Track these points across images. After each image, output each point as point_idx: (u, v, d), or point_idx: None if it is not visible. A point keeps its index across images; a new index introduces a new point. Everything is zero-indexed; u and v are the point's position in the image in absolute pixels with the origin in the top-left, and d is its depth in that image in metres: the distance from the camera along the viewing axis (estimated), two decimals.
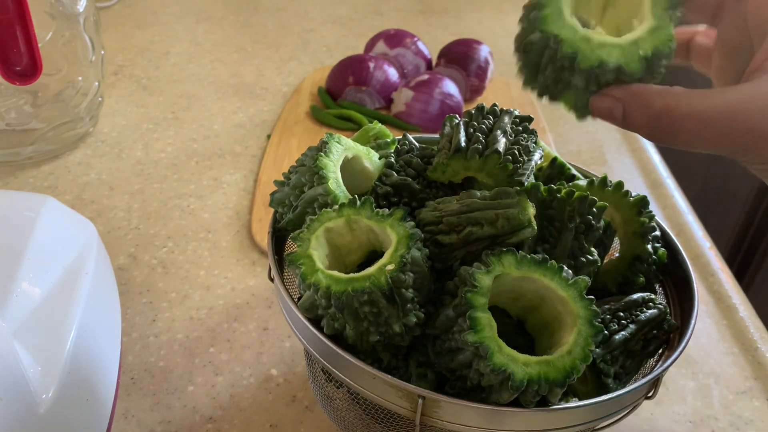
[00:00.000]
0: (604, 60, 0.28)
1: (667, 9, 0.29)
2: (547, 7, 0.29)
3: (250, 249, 0.61)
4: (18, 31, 0.56)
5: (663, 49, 0.28)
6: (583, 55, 0.28)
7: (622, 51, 0.28)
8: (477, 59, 0.84)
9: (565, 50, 0.28)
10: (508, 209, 0.32)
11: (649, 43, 0.28)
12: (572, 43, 0.28)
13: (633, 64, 0.28)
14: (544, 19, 0.29)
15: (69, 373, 0.36)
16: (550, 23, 0.29)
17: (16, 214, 0.41)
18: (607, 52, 0.28)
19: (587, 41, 0.28)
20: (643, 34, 0.28)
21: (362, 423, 0.38)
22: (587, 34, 0.28)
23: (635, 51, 0.28)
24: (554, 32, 0.29)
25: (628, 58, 0.28)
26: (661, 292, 0.40)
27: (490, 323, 0.29)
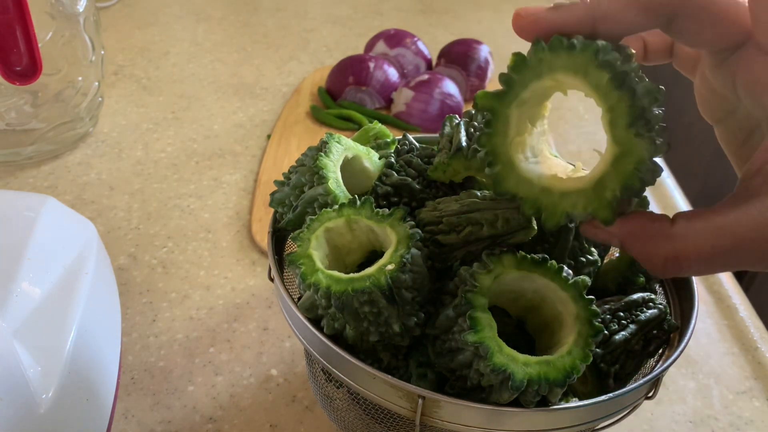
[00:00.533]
0: (570, 213, 0.25)
1: (629, 125, 0.24)
2: (497, 164, 0.27)
3: (250, 249, 0.61)
4: (18, 31, 0.56)
5: (632, 183, 0.24)
6: (547, 213, 0.26)
7: (588, 199, 0.25)
8: (477, 59, 0.84)
9: (527, 210, 0.26)
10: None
11: (615, 181, 0.24)
12: (533, 202, 0.26)
13: (603, 211, 0.25)
14: (497, 179, 0.27)
15: (69, 373, 0.36)
16: (504, 183, 0.27)
17: (16, 214, 0.41)
18: (571, 203, 0.25)
19: (548, 194, 0.26)
20: (607, 167, 0.25)
21: (362, 423, 0.38)
22: (547, 184, 0.26)
23: (603, 195, 0.25)
24: (512, 192, 0.27)
25: (596, 205, 0.25)
26: (661, 292, 0.40)
27: (490, 323, 0.29)
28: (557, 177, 0.26)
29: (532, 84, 0.26)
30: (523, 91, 0.26)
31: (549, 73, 0.25)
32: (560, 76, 0.25)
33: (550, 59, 0.25)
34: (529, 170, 0.26)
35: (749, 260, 0.24)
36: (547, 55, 0.25)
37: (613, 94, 0.24)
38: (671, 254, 0.24)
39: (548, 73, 0.25)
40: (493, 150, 0.26)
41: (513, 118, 0.26)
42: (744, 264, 0.24)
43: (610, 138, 0.24)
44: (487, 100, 0.26)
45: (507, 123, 0.26)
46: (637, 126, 0.24)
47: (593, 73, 0.24)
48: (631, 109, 0.24)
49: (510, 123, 0.26)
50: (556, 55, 0.25)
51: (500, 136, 0.26)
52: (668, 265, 0.25)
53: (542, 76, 0.25)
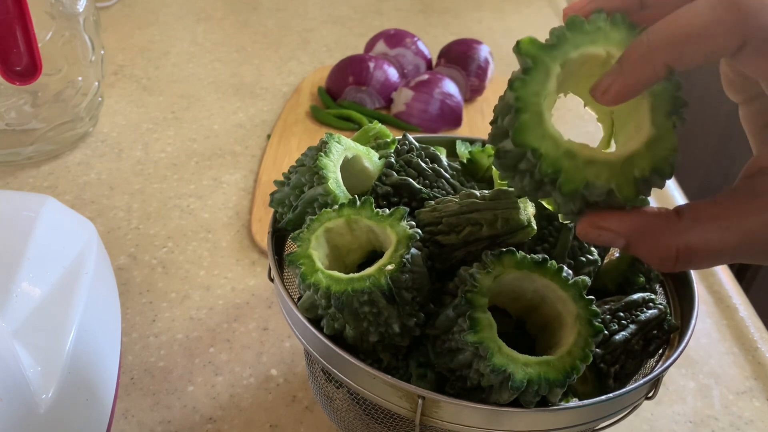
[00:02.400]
0: (592, 182, 0.24)
1: (670, 114, 0.24)
2: (525, 111, 0.24)
3: (250, 249, 0.61)
4: (18, 31, 0.56)
5: (663, 168, 0.24)
6: (566, 177, 0.24)
7: (613, 172, 0.24)
8: (477, 59, 0.84)
9: (545, 169, 0.24)
10: (507, 210, 0.32)
11: (646, 161, 0.24)
12: (554, 161, 0.24)
13: (627, 188, 0.24)
14: (520, 128, 0.24)
15: (69, 373, 0.36)
16: (527, 134, 0.24)
17: (16, 214, 0.41)
18: (595, 173, 0.24)
19: (572, 157, 0.24)
20: (639, 147, 0.24)
21: (362, 423, 0.38)
22: (572, 149, 0.24)
23: (630, 172, 0.24)
24: (532, 146, 0.24)
25: (621, 180, 0.24)
26: (661, 292, 0.40)
27: (490, 323, 0.29)
28: (584, 145, 0.25)
29: (584, 47, 0.25)
30: (573, 51, 0.25)
31: (604, 42, 0.25)
32: (614, 49, 0.25)
33: (609, 31, 0.25)
34: (555, 129, 0.25)
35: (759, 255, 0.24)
36: (606, 26, 0.25)
37: (661, 82, 0.24)
38: (683, 248, 0.24)
39: (604, 42, 0.25)
40: (525, 97, 0.25)
41: (553, 75, 0.25)
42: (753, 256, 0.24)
43: (648, 121, 0.25)
44: (533, 48, 0.25)
45: (547, 76, 0.25)
46: (676, 116, 0.24)
47: None
48: (675, 99, 0.25)
49: (549, 77, 0.25)
50: (616, 29, 0.25)
51: (537, 85, 0.25)
52: (680, 260, 0.24)
53: (597, 43, 0.25)
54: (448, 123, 0.78)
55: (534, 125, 0.24)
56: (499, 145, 0.26)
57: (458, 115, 0.79)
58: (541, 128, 0.25)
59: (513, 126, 0.25)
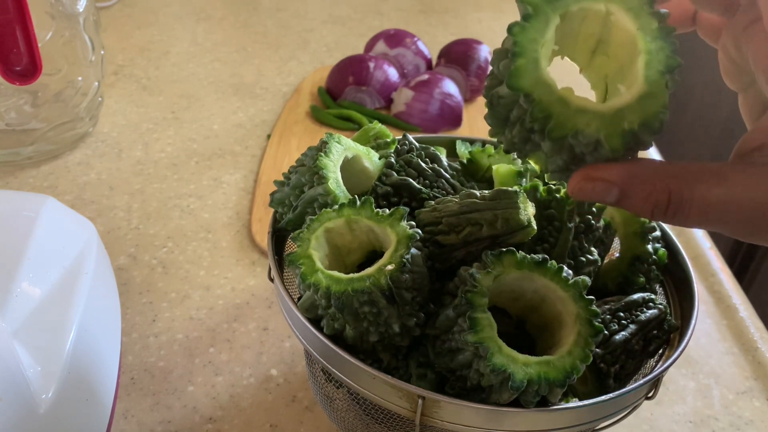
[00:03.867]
0: (581, 130, 0.24)
1: (663, 72, 0.25)
2: (521, 56, 0.25)
3: (250, 249, 0.61)
4: (18, 31, 0.56)
5: (652, 123, 0.24)
6: (556, 122, 0.24)
7: (603, 122, 0.24)
8: (477, 59, 0.84)
9: (536, 113, 0.24)
10: (507, 210, 0.32)
11: (636, 115, 0.24)
12: (546, 106, 0.24)
13: (614, 139, 0.24)
14: (515, 72, 0.24)
15: (69, 373, 0.36)
16: (522, 78, 0.24)
17: (16, 214, 0.41)
18: (585, 121, 0.24)
19: (564, 104, 0.24)
20: (631, 101, 0.24)
21: (362, 423, 0.38)
22: (565, 96, 0.24)
23: (619, 124, 0.24)
24: (526, 89, 0.24)
25: (610, 131, 0.24)
26: (661, 292, 0.40)
27: (490, 323, 0.29)
28: (575, 95, 0.25)
29: (585, 1, 0.25)
30: (573, 4, 0.25)
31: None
32: (614, 6, 0.25)
33: None
34: (549, 76, 0.25)
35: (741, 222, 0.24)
36: None
37: (657, 41, 0.25)
38: (676, 190, 0.24)
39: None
40: (522, 42, 0.25)
41: (552, 24, 0.25)
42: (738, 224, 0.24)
43: (641, 77, 0.25)
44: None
45: (546, 25, 0.25)
46: (670, 76, 0.25)
47: (645, 17, 0.25)
48: (669, 59, 0.25)
49: (548, 26, 0.25)
50: None
51: (535, 32, 0.25)
52: (672, 204, 0.24)
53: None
54: (448, 123, 0.78)
55: (529, 70, 0.25)
56: (493, 92, 0.26)
57: (458, 115, 0.79)
58: (536, 74, 0.25)
59: (509, 69, 0.25)
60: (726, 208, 0.24)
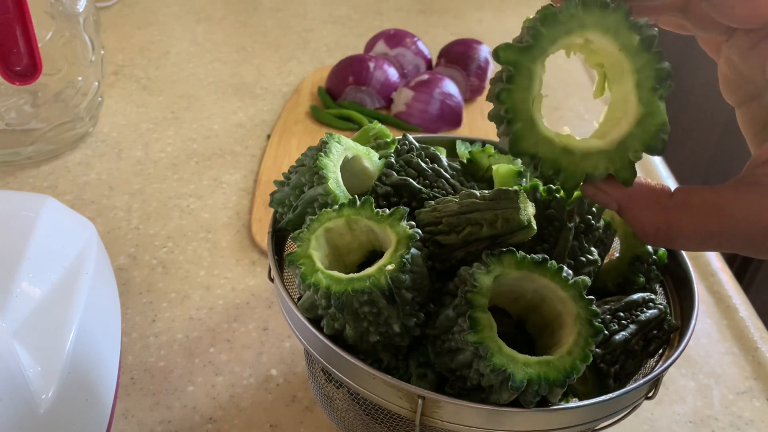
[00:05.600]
0: (591, 173, 0.25)
1: (655, 88, 0.25)
2: (516, 121, 0.25)
3: (250, 249, 0.61)
4: (18, 31, 0.56)
5: (655, 144, 0.25)
6: (566, 174, 0.25)
7: (609, 159, 0.25)
8: (477, 59, 0.84)
9: (546, 171, 0.25)
10: (507, 210, 0.32)
11: (638, 141, 0.25)
12: (552, 163, 0.25)
13: (623, 172, 0.25)
14: (515, 139, 0.25)
15: (69, 373, 0.35)
16: (522, 142, 0.25)
17: (16, 214, 0.41)
18: (593, 164, 0.25)
19: (569, 154, 0.25)
20: (630, 129, 0.25)
21: (362, 423, 0.38)
22: (567, 145, 0.25)
23: (624, 156, 0.25)
24: (530, 152, 0.25)
25: (618, 165, 0.25)
26: (661, 292, 0.40)
27: (490, 323, 0.29)
28: (575, 138, 0.25)
29: (561, 39, 0.25)
30: (551, 47, 0.25)
31: (579, 29, 0.25)
32: (591, 33, 0.25)
33: (582, 16, 0.25)
34: (548, 130, 0.25)
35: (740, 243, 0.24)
36: (579, 11, 0.25)
37: (642, 55, 0.25)
38: (664, 225, 0.25)
39: (579, 29, 0.25)
40: (514, 107, 0.25)
41: (537, 74, 0.25)
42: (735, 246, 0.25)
43: (635, 99, 0.25)
44: (512, 54, 0.25)
45: (531, 79, 0.25)
46: (662, 89, 0.25)
47: (624, 34, 0.25)
48: (658, 71, 0.25)
49: (534, 79, 0.25)
50: (589, 12, 0.25)
51: (523, 91, 0.25)
52: (659, 235, 0.25)
53: (572, 32, 0.25)
54: (448, 123, 0.78)
55: (527, 133, 0.25)
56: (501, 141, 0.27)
57: (458, 115, 0.79)
58: (534, 134, 0.25)
59: (508, 136, 0.25)
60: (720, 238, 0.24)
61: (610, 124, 0.27)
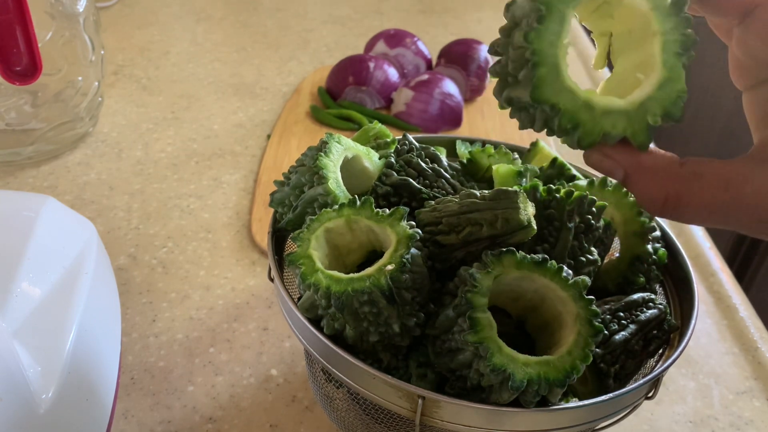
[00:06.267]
0: (608, 132, 0.24)
1: (680, 54, 0.24)
2: (542, 65, 0.24)
3: (250, 249, 0.61)
4: (18, 31, 0.56)
5: (673, 111, 0.24)
6: (584, 130, 0.24)
7: (628, 120, 0.24)
8: (477, 59, 0.84)
9: (564, 124, 0.24)
10: (507, 210, 0.32)
11: (658, 106, 0.24)
12: (572, 115, 0.24)
13: (641, 135, 0.24)
14: (538, 83, 0.24)
15: (69, 373, 0.36)
16: (545, 88, 0.24)
17: (16, 214, 0.41)
18: (611, 123, 0.24)
19: (589, 109, 0.24)
20: (651, 91, 0.24)
21: (362, 423, 0.38)
22: (589, 99, 0.24)
23: (643, 119, 0.24)
24: (551, 101, 0.24)
25: (636, 128, 0.24)
26: (661, 292, 0.40)
27: (490, 323, 0.29)
28: (597, 94, 0.25)
29: None
30: None
31: None
32: None
33: None
34: (571, 80, 0.24)
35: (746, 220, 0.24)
36: None
37: (671, 19, 0.24)
38: (673, 194, 0.24)
39: None
40: (541, 50, 0.24)
41: (567, 23, 0.24)
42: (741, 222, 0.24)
43: (659, 62, 0.24)
44: None
45: (562, 24, 0.24)
46: (685, 56, 0.24)
47: None
48: (685, 37, 0.24)
49: (564, 26, 0.24)
50: None
51: (552, 35, 0.24)
52: (668, 205, 0.24)
53: None
54: (448, 123, 0.78)
55: (552, 79, 0.24)
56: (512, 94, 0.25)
57: (458, 115, 0.79)
58: (558, 81, 0.24)
59: (531, 81, 0.24)
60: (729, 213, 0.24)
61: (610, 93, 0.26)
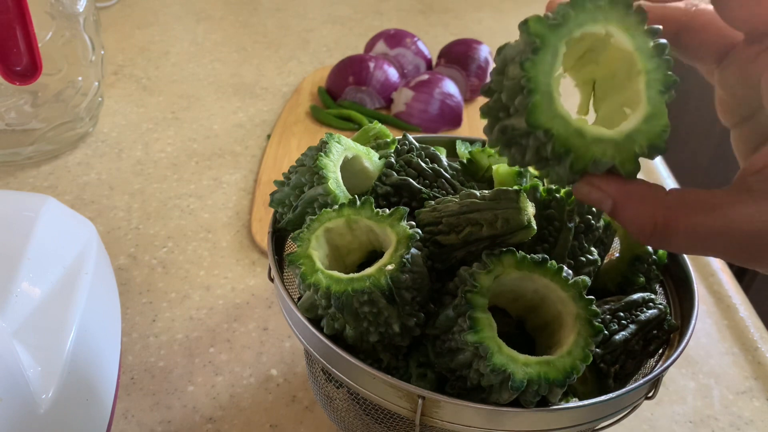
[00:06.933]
0: (598, 159, 0.25)
1: (663, 91, 0.26)
2: (536, 92, 0.25)
3: (250, 249, 0.61)
4: (18, 31, 0.56)
5: (658, 143, 0.25)
6: (576, 155, 0.25)
7: (617, 148, 0.25)
8: (477, 59, 0.84)
9: (557, 149, 0.25)
10: (507, 210, 0.32)
11: (644, 138, 0.25)
12: (565, 140, 0.25)
13: (628, 164, 0.25)
14: (533, 109, 0.25)
15: (69, 373, 0.36)
16: (539, 114, 0.25)
17: (16, 214, 0.41)
18: (601, 150, 0.25)
19: (581, 136, 0.25)
20: (637, 124, 0.26)
21: (362, 423, 0.38)
22: (580, 127, 0.25)
23: (631, 149, 0.25)
24: (545, 126, 0.25)
25: (624, 157, 0.25)
26: (661, 292, 0.40)
27: (490, 323, 0.29)
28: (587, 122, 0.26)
29: (587, 26, 0.26)
30: (576, 30, 0.26)
31: (604, 21, 0.26)
32: (613, 28, 0.26)
33: (608, 10, 0.26)
34: (563, 108, 0.25)
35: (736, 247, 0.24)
36: (606, 4, 0.26)
37: (654, 60, 0.26)
38: (661, 221, 0.25)
39: (603, 21, 0.26)
40: (536, 78, 0.25)
41: (560, 54, 0.26)
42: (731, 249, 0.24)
43: (644, 99, 0.26)
44: (541, 27, 0.25)
45: (555, 56, 0.25)
46: (668, 94, 0.26)
47: (640, 37, 0.26)
48: (667, 77, 0.26)
49: (557, 57, 0.25)
50: (614, 9, 0.26)
51: (545, 65, 0.25)
52: (656, 232, 0.25)
53: (597, 21, 0.26)
54: (448, 123, 0.78)
55: (545, 106, 0.25)
56: (506, 123, 0.27)
57: (458, 115, 0.79)
58: (552, 108, 0.25)
59: (525, 107, 0.25)
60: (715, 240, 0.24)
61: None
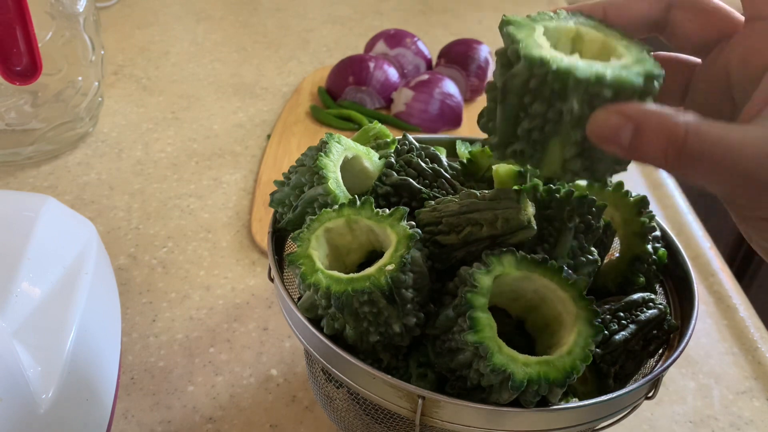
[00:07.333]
0: (601, 74, 0.25)
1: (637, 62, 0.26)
2: (522, 40, 0.26)
3: (250, 249, 0.61)
4: (18, 31, 0.56)
5: (655, 70, 0.25)
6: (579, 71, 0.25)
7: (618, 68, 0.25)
8: (477, 59, 0.84)
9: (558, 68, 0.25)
10: (507, 210, 0.32)
11: (640, 66, 0.26)
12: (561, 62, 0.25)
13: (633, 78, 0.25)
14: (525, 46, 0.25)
15: (69, 373, 0.36)
16: (531, 48, 0.25)
17: (16, 214, 0.41)
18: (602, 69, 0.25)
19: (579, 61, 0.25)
20: (629, 62, 0.26)
21: (362, 423, 0.38)
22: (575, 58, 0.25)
23: (631, 69, 0.25)
24: (540, 55, 0.25)
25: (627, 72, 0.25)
26: (661, 292, 0.40)
27: (490, 323, 0.29)
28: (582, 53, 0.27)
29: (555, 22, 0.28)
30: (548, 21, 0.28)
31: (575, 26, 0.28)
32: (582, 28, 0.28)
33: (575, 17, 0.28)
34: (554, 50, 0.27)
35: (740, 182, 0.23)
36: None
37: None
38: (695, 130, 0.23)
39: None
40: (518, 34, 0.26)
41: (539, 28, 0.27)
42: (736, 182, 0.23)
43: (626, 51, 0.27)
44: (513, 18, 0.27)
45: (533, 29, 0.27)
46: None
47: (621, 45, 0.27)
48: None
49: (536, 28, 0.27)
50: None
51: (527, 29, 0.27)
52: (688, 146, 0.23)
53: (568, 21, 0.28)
54: (448, 123, 0.78)
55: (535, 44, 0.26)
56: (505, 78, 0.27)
57: (458, 115, 0.79)
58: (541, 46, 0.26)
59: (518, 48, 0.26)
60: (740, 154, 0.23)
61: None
